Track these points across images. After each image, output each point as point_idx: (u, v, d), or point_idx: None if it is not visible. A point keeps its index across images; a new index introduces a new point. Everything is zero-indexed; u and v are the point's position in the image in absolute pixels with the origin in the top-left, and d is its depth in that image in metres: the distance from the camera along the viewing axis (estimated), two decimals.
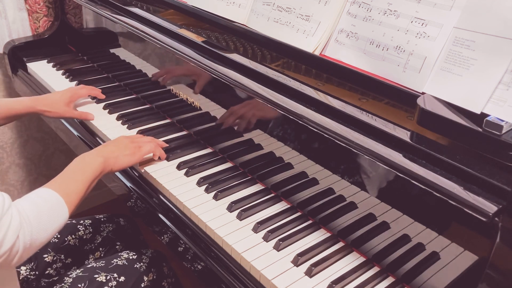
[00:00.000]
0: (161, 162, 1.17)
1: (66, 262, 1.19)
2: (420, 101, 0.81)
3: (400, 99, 0.89)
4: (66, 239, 1.20)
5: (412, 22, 0.90)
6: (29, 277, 1.13)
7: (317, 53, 1.03)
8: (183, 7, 1.33)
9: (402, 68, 0.90)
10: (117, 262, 1.11)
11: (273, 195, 1.07)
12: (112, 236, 1.28)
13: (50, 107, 1.29)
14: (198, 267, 0.98)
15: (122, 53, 1.57)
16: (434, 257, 0.82)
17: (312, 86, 0.96)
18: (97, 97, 1.45)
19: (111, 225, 1.29)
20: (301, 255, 0.90)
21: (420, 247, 0.84)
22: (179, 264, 1.17)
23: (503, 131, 0.72)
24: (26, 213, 0.80)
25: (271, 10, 1.13)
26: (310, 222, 1.00)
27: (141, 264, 1.13)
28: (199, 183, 1.09)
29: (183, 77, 1.31)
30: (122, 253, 1.15)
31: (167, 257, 1.22)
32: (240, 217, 0.99)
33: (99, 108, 1.42)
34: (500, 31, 0.78)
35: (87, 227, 1.25)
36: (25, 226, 0.79)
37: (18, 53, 1.72)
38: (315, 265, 0.88)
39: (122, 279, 1.07)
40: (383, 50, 0.93)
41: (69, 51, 1.83)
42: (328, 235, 0.97)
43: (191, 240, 0.99)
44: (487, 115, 0.75)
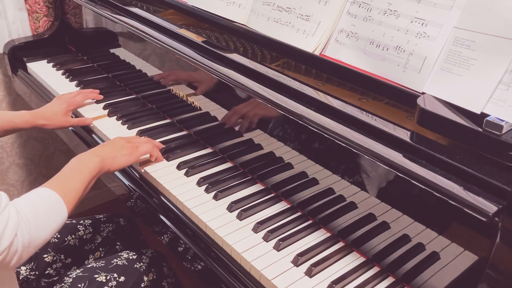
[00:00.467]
0: (161, 162, 1.17)
1: (66, 262, 1.19)
2: (420, 101, 0.81)
3: (400, 99, 0.89)
4: (66, 239, 1.20)
5: (412, 22, 0.90)
6: (29, 277, 1.13)
7: (317, 53, 1.03)
8: (183, 7, 1.33)
9: (402, 68, 0.90)
10: (117, 262, 1.11)
11: (273, 195, 1.07)
12: (112, 236, 1.28)
13: (48, 120, 1.31)
14: (198, 267, 0.98)
15: (122, 53, 1.57)
16: (434, 257, 0.82)
17: (312, 86, 0.96)
18: (95, 98, 1.45)
19: (111, 225, 1.29)
20: (301, 255, 0.90)
21: (420, 247, 0.84)
22: (179, 264, 1.17)
23: (503, 131, 0.72)
24: (24, 212, 0.80)
25: (271, 10, 1.13)
26: (310, 222, 1.00)
27: (141, 264, 1.13)
28: (199, 183, 1.09)
29: (183, 78, 1.31)
30: (122, 253, 1.15)
31: (167, 257, 1.22)
32: (240, 217, 0.99)
33: (99, 108, 1.42)
34: (500, 31, 0.78)
35: (87, 227, 1.25)
36: (23, 225, 0.79)
37: (18, 53, 1.72)
38: (315, 265, 0.88)
39: (122, 279, 1.07)
40: (383, 50, 0.93)
41: (69, 51, 1.83)
42: (328, 235, 0.97)
43: (191, 240, 0.99)
44: (487, 115, 0.75)
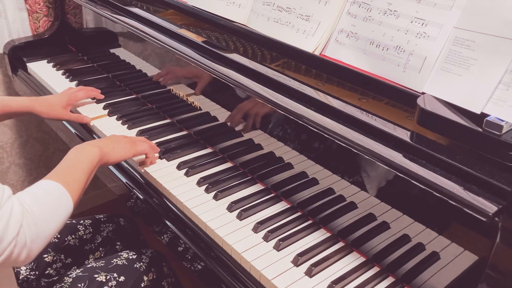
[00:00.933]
0: (161, 162, 1.17)
1: (66, 262, 1.19)
2: (420, 101, 0.81)
3: (400, 99, 0.89)
4: (66, 239, 1.20)
5: (412, 22, 0.90)
6: (29, 277, 1.13)
7: (317, 53, 1.03)
8: (183, 7, 1.33)
9: (402, 68, 0.90)
10: (117, 262, 1.11)
11: (273, 195, 1.07)
12: (112, 236, 1.28)
13: (47, 108, 1.30)
14: (198, 267, 0.98)
15: (122, 53, 1.57)
16: (434, 257, 0.82)
17: (312, 86, 0.96)
18: (96, 97, 1.45)
19: (111, 225, 1.29)
20: (301, 255, 0.90)
21: (420, 247, 0.84)
22: (179, 264, 1.17)
23: (503, 131, 0.72)
24: (27, 204, 0.78)
25: (271, 10, 1.13)
26: (310, 222, 1.00)
27: (141, 264, 1.13)
28: (199, 183, 1.09)
29: (183, 77, 1.31)
30: (122, 253, 1.15)
31: (167, 257, 1.22)
32: (240, 217, 0.99)
33: (99, 108, 1.42)
34: (500, 31, 0.78)
35: (87, 227, 1.25)
36: (28, 216, 0.76)
37: (18, 53, 1.72)
38: (315, 265, 0.88)
39: (122, 279, 1.07)
40: (383, 50, 0.93)
41: (69, 51, 1.83)
42: (328, 235, 0.97)
43: (191, 240, 0.99)
44: (487, 115, 0.75)
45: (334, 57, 1.01)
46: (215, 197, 1.05)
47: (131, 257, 1.13)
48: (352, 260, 0.91)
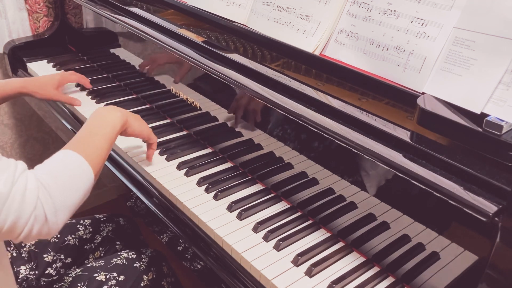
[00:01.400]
0: (161, 162, 1.17)
1: (66, 261, 1.19)
2: (420, 101, 0.81)
3: (400, 99, 0.89)
4: (66, 238, 1.20)
5: (412, 22, 0.90)
6: (29, 276, 1.13)
7: (317, 53, 1.03)
8: (183, 7, 1.33)
9: (402, 68, 0.90)
10: (116, 261, 1.11)
11: (273, 195, 1.07)
12: (112, 236, 1.28)
13: (39, 89, 1.32)
14: (198, 267, 0.98)
15: (122, 53, 1.57)
16: (434, 257, 0.82)
17: (312, 86, 0.96)
18: (84, 86, 1.48)
19: (111, 224, 1.29)
20: (301, 255, 0.90)
21: (420, 247, 0.84)
22: (179, 264, 1.17)
23: (503, 131, 0.72)
24: (42, 177, 0.76)
25: (271, 10, 1.13)
26: (310, 222, 1.00)
27: (141, 263, 1.13)
28: (199, 183, 1.09)
29: (179, 74, 1.31)
30: (121, 253, 1.15)
31: (166, 256, 1.22)
32: (240, 217, 0.99)
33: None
34: (500, 31, 0.78)
35: (87, 226, 1.25)
36: (44, 190, 0.74)
37: (18, 53, 1.72)
38: (315, 265, 0.88)
39: (121, 278, 1.07)
40: (383, 50, 0.93)
41: (69, 51, 1.83)
42: (328, 235, 0.97)
43: (191, 240, 0.99)
44: (487, 115, 0.75)
45: (334, 57, 1.01)
46: (215, 197, 1.05)
47: (131, 257, 1.13)
48: (352, 260, 0.91)
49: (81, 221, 1.26)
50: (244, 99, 1.10)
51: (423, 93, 0.86)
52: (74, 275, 1.07)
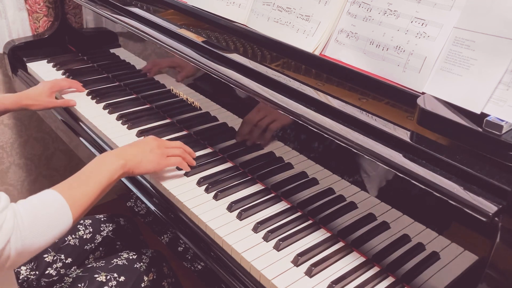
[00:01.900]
0: None
1: (66, 262, 1.19)
2: (420, 101, 0.81)
3: (400, 99, 0.89)
4: (66, 239, 1.20)
5: (412, 22, 0.90)
6: (29, 277, 1.13)
7: (317, 53, 1.03)
8: (183, 7, 1.33)
9: (402, 68, 0.90)
10: (117, 262, 1.11)
11: (273, 195, 1.07)
12: (112, 236, 1.28)
13: (33, 100, 1.34)
14: (198, 267, 0.98)
15: (122, 53, 1.57)
16: (434, 257, 0.82)
17: (312, 86, 0.96)
18: (77, 90, 1.49)
19: (111, 225, 1.29)
20: (301, 255, 0.90)
21: (420, 247, 0.84)
22: (179, 264, 1.17)
23: (503, 131, 0.72)
24: (21, 216, 0.77)
25: (271, 10, 1.13)
26: (310, 222, 1.00)
27: (141, 264, 1.13)
28: (199, 183, 1.09)
29: (180, 74, 1.31)
30: (122, 253, 1.15)
31: (167, 257, 1.22)
32: (240, 217, 0.99)
33: (99, 108, 1.42)
34: (500, 31, 0.78)
35: (87, 227, 1.25)
36: (18, 231, 0.76)
37: (18, 53, 1.72)
38: (315, 265, 0.88)
39: (122, 279, 1.07)
40: (383, 50, 0.93)
41: (69, 51, 1.83)
42: (328, 235, 0.97)
43: (191, 240, 0.99)
44: (487, 115, 0.75)
45: (334, 57, 1.01)
46: (215, 197, 1.05)
47: (131, 257, 1.14)
48: (352, 260, 0.91)
49: (81, 221, 1.26)
50: (244, 99, 1.10)
51: (423, 93, 0.86)
52: (74, 276, 1.07)
